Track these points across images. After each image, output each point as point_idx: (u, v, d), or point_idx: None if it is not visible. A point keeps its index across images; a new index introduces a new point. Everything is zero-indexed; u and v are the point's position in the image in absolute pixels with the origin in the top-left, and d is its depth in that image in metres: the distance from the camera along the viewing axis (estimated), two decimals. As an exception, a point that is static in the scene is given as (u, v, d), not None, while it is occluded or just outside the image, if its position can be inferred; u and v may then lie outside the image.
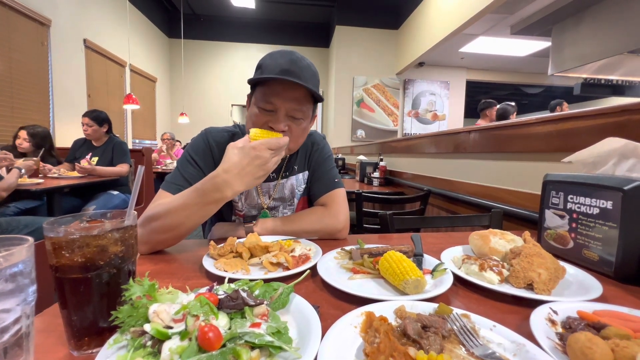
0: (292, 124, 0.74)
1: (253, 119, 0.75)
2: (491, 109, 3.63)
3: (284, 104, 0.71)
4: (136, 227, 0.39)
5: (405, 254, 0.60)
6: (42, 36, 3.49)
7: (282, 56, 0.73)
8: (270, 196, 0.90)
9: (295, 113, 0.73)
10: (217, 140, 0.84)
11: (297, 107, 0.72)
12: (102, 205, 2.49)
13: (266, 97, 0.72)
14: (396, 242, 0.78)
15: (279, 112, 0.72)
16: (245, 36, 6.95)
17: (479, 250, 0.63)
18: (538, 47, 4.84)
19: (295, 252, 0.65)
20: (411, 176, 2.14)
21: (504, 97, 9.94)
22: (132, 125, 5.52)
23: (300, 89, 0.71)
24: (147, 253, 0.69)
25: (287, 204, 0.92)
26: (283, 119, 0.72)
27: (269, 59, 0.74)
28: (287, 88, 0.71)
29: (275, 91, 0.71)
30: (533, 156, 1.03)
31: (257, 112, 0.74)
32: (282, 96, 0.71)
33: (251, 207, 0.89)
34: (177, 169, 0.80)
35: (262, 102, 0.72)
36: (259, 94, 0.74)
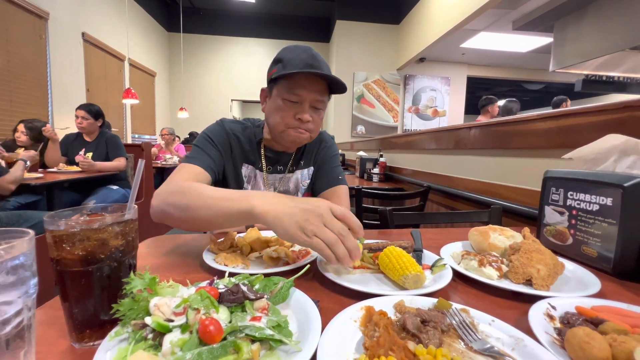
0: (314, 114, 0.79)
1: (280, 112, 0.79)
2: (492, 105, 3.61)
3: (309, 95, 0.76)
4: (137, 221, 0.39)
5: (405, 250, 0.60)
6: (40, 29, 3.46)
7: (303, 51, 0.77)
8: (275, 189, 0.92)
9: (317, 104, 0.79)
10: (232, 128, 0.88)
11: (320, 98, 0.78)
12: (101, 200, 2.49)
13: (292, 89, 0.76)
14: (396, 238, 0.78)
15: (304, 103, 0.77)
16: (245, 30, 6.90)
17: (479, 246, 0.63)
18: (540, 43, 4.81)
19: (295, 246, 0.65)
20: (411, 172, 2.14)
21: (504, 93, 9.90)
22: (132, 120, 5.50)
23: (322, 82, 0.77)
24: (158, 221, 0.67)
25: None
26: (308, 109, 0.78)
27: (290, 53, 0.78)
28: (312, 81, 0.76)
29: (301, 84, 0.76)
30: (533, 152, 1.03)
31: (282, 104, 0.78)
32: (308, 88, 0.76)
33: None
34: (196, 146, 0.83)
35: (288, 94, 0.77)
36: (283, 87, 0.77)
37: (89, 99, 4.26)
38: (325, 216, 0.47)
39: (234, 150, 0.86)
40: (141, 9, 5.73)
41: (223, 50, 6.93)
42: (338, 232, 0.46)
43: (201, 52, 6.91)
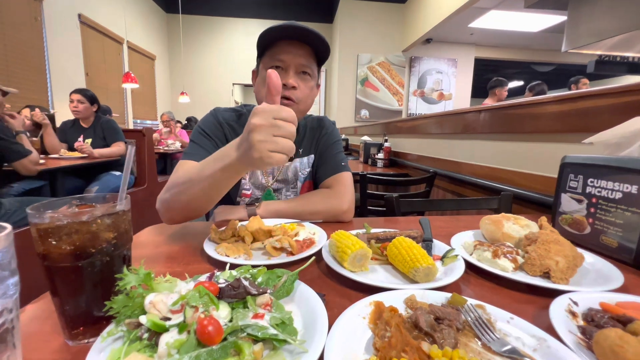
0: (300, 81, 0.76)
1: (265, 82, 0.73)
2: (502, 87, 3.51)
3: (294, 59, 0.75)
4: (129, 212, 0.37)
5: (414, 240, 0.57)
6: (35, 11, 3.36)
7: (284, 23, 0.75)
8: (274, 177, 0.89)
9: (304, 68, 0.76)
10: (225, 117, 0.86)
11: (305, 62, 0.76)
12: (104, 186, 2.48)
13: (275, 55, 0.75)
14: (403, 226, 0.76)
15: (289, 68, 0.75)
16: (246, 11, 6.68)
17: (491, 235, 0.60)
18: (552, 22, 4.61)
19: (299, 236, 0.63)
20: (416, 157, 2.09)
21: (513, 75, 9.64)
22: (133, 105, 5.44)
23: (305, 46, 0.75)
24: (171, 223, 0.71)
25: (290, 186, 0.91)
26: (293, 74, 0.75)
27: (270, 28, 0.75)
28: (295, 46, 0.75)
29: (283, 49, 0.74)
30: (547, 137, 0.98)
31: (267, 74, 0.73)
32: (292, 52, 0.74)
33: (255, 187, 0.88)
34: (192, 141, 0.82)
35: (272, 61, 0.75)
36: (267, 58, 0.76)
37: (89, 83, 4.19)
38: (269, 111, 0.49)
39: (230, 140, 0.81)
40: (138, -12, 5.54)
41: (223, 32, 6.74)
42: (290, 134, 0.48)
43: (201, 34, 6.72)
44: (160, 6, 6.42)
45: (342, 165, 0.88)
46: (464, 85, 5.93)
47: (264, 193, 0.88)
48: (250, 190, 0.88)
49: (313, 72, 0.78)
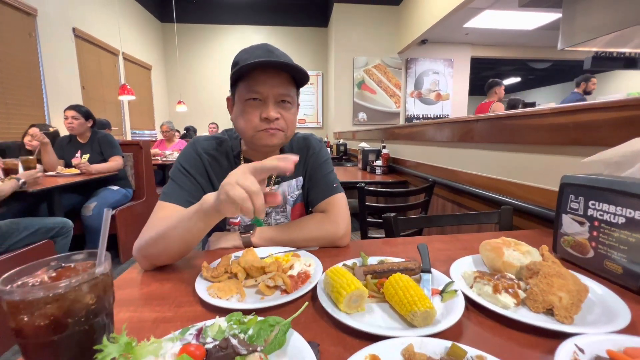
0: (281, 110, 0.74)
1: (244, 116, 0.74)
2: (499, 86, 3.55)
3: (271, 90, 0.71)
4: (109, 274, 0.35)
5: (412, 272, 0.56)
6: (30, 27, 3.36)
7: (257, 48, 0.74)
8: None
9: (283, 97, 0.73)
10: (205, 148, 0.82)
11: (284, 91, 0.72)
12: (102, 202, 2.47)
13: (251, 87, 0.71)
14: (402, 250, 0.74)
15: (268, 99, 0.72)
16: (241, 18, 6.69)
17: (491, 263, 0.58)
18: (547, 20, 4.60)
19: (293, 269, 0.61)
20: (414, 164, 2.07)
21: (509, 72, 9.64)
22: (130, 115, 5.44)
23: (283, 74, 0.72)
24: (149, 269, 0.67)
25: (280, 209, 0.89)
26: (273, 105, 0.72)
27: (244, 53, 0.74)
28: (270, 75, 0.71)
29: (259, 80, 0.71)
30: (546, 149, 0.96)
31: (245, 107, 0.73)
32: (268, 83, 0.71)
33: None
34: (171, 179, 0.78)
35: (248, 93, 0.72)
36: (242, 89, 0.73)
37: (85, 96, 4.19)
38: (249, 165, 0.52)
39: (211, 171, 0.80)
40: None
41: (218, 40, 6.75)
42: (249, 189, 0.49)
43: (196, 42, 6.74)
44: (155, 16, 6.43)
45: (334, 186, 0.85)
46: (461, 85, 5.92)
47: (253, 219, 0.86)
48: (238, 218, 0.85)
49: (293, 98, 0.75)
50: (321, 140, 0.93)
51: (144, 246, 0.65)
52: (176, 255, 0.66)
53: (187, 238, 0.62)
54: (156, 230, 0.64)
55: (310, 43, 6.81)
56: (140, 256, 0.65)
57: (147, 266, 0.66)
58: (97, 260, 0.33)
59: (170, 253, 0.65)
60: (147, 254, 0.65)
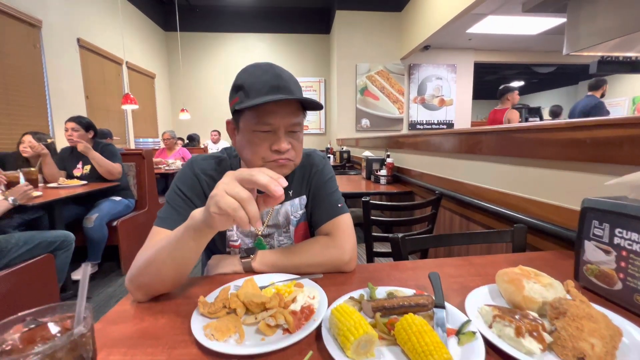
0: (292, 139, 0.70)
1: (252, 147, 0.68)
2: (512, 93, 3.52)
3: (282, 120, 0.67)
4: (90, 333, 0.31)
5: (425, 308, 0.52)
6: (34, 38, 3.39)
7: (264, 72, 0.67)
8: (263, 223, 0.82)
9: (294, 127, 0.69)
10: (203, 168, 0.78)
11: (295, 120, 0.68)
12: (105, 212, 2.45)
13: (261, 118, 0.66)
14: (410, 278, 0.70)
15: (279, 131, 0.67)
16: (244, 26, 6.74)
17: (510, 297, 0.54)
18: (551, 24, 4.57)
19: (296, 302, 0.57)
20: (419, 174, 2.03)
21: (513, 77, 9.60)
22: (134, 124, 5.46)
23: (293, 103, 0.68)
24: (144, 300, 0.63)
25: (282, 230, 0.85)
26: (284, 137, 0.68)
27: (250, 77, 0.67)
28: (282, 105, 0.66)
29: (270, 110, 0.66)
30: (562, 164, 0.92)
31: (252, 137, 0.68)
32: (279, 113, 0.66)
33: (245, 236, 0.82)
34: (167, 202, 0.74)
35: (258, 125, 0.66)
36: (250, 118, 0.67)
37: (89, 106, 4.21)
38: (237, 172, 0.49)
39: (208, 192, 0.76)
40: (135, 8, 5.61)
41: (222, 48, 6.80)
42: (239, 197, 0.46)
43: (200, 50, 6.78)
44: (158, 25, 6.49)
45: (338, 207, 0.80)
46: (465, 90, 5.88)
47: (255, 241, 0.82)
48: (238, 240, 0.81)
49: (302, 125, 0.71)
50: (325, 156, 0.89)
51: (135, 275, 0.61)
52: (170, 281, 0.62)
53: (178, 260, 0.58)
54: (146, 256, 0.60)
55: (312, 50, 6.83)
56: (133, 287, 0.61)
57: (141, 297, 0.62)
58: (76, 320, 0.30)
59: (163, 280, 0.61)
60: (139, 284, 0.61)
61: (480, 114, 11.98)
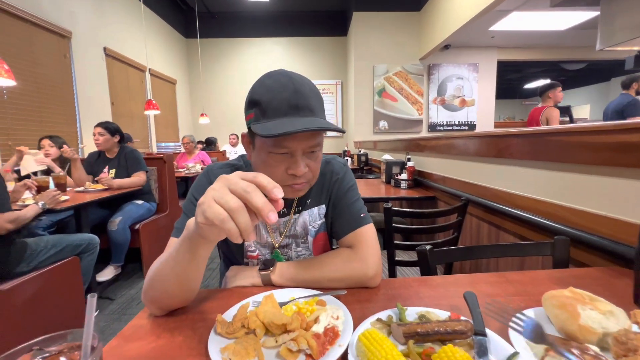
0: (310, 161, 0.65)
1: (267, 169, 0.63)
2: (554, 90, 3.31)
3: (301, 144, 0.61)
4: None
5: (463, 335, 0.46)
6: (64, 48, 3.56)
7: (283, 87, 0.60)
8: (281, 233, 0.79)
9: (312, 149, 0.64)
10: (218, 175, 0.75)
11: (314, 142, 0.63)
12: (127, 216, 2.51)
13: (279, 142, 0.60)
14: (442, 296, 0.64)
15: (296, 154, 0.62)
16: (261, 31, 6.83)
17: (562, 325, 0.47)
18: (582, 19, 4.32)
19: (319, 322, 0.53)
20: (441, 178, 1.94)
21: (537, 74, 9.20)
22: (156, 128, 5.63)
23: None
24: (160, 314, 0.61)
25: (300, 241, 0.81)
26: (301, 160, 0.63)
27: (267, 92, 0.61)
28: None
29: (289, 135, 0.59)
30: (609, 170, 0.83)
31: (268, 159, 0.63)
32: (298, 138, 0.60)
33: (262, 247, 0.79)
34: (184, 213, 0.72)
35: (275, 147, 0.61)
36: (267, 140, 0.61)
37: (114, 112, 4.37)
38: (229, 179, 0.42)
39: None
40: (158, 17, 5.80)
41: (240, 53, 6.91)
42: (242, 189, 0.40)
43: (219, 56, 6.93)
44: (180, 32, 6.69)
45: (361, 217, 0.75)
46: (488, 90, 5.67)
47: (272, 253, 0.79)
48: (256, 251, 0.79)
49: (321, 144, 0.66)
50: (345, 163, 0.84)
51: (146, 289, 0.59)
52: (178, 296, 0.59)
53: (179, 274, 0.55)
54: (153, 269, 0.59)
55: (329, 52, 6.82)
56: (147, 301, 0.60)
57: (156, 311, 0.60)
58: (82, 354, 0.27)
59: (170, 295, 0.58)
60: (150, 298, 0.59)
61: (502, 115, 11.54)
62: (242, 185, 0.40)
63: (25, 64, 3.05)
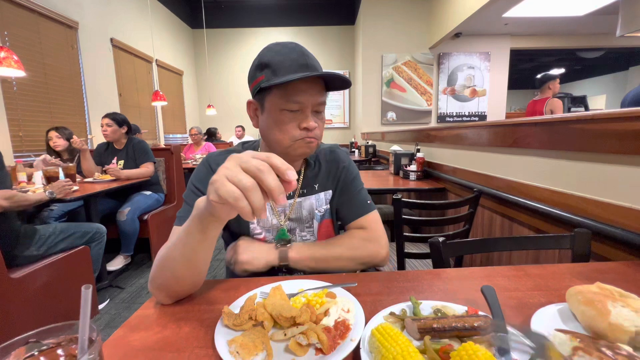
0: (317, 119, 0.70)
1: (281, 126, 0.68)
2: (554, 81, 3.24)
3: (311, 99, 0.67)
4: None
5: (483, 332, 0.43)
6: (72, 39, 3.56)
7: (291, 50, 0.67)
8: (286, 216, 0.80)
9: (319, 107, 0.70)
10: (219, 162, 0.76)
11: (321, 99, 0.69)
12: (135, 207, 2.53)
13: (291, 97, 0.65)
14: (457, 290, 0.61)
15: (307, 109, 0.67)
16: (266, 20, 6.73)
17: (590, 323, 0.44)
18: (601, 3, 4.13)
19: (329, 315, 0.51)
20: (452, 169, 1.90)
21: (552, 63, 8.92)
22: (163, 120, 5.64)
23: (319, 81, 0.68)
24: (168, 302, 0.60)
25: (305, 225, 0.82)
26: (311, 115, 0.68)
27: (276, 55, 0.66)
28: (310, 84, 0.67)
29: (300, 89, 0.65)
30: (635, 159, 0.78)
31: (281, 117, 0.67)
32: (309, 92, 0.66)
33: (266, 230, 0.79)
34: (185, 201, 0.73)
35: (287, 103, 0.66)
36: (279, 97, 0.66)
37: (122, 103, 4.39)
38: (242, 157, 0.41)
39: None
40: (164, 7, 5.75)
41: (246, 43, 6.84)
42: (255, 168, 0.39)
43: (225, 46, 6.87)
44: (186, 23, 6.64)
45: (368, 204, 0.82)
46: (500, 79, 5.51)
47: (278, 233, 0.79)
48: (262, 233, 0.79)
49: (325, 103, 0.72)
50: (347, 152, 0.91)
51: (153, 277, 0.59)
52: (186, 281, 0.58)
53: (189, 256, 0.54)
54: (160, 256, 0.58)
55: (336, 42, 6.70)
56: (154, 289, 0.59)
57: (164, 299, 0.59)
58: (79, 348, 0.25)
59: (179, 280, 0.57)
60: (158, 285, 0.58)
61: (514, 105, 11.26)
62: (255, 163, 0.39)
63: (34, 55, 3.06)
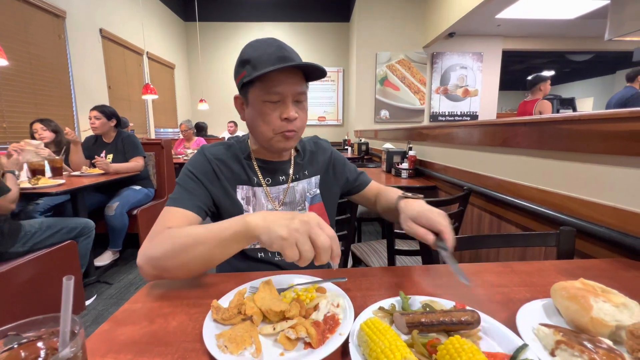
0: (299, 110, 0.73)
1: (263, 117, 0.71)
2: (544, 82, 3.29)
3: (290, 89, 0.70)
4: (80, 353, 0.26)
5: (470, 326, 0.44)
6: (59, 29, 3.45)
7: (269, 45, 0.70)
8: (280, 201, 0.83)
9: (300, 97, 0.72)
10: (213, 152, 0.80)
11: (301, 89, 0.72)
12: (124, 201, 2.49)
13: (271, 88, 0.69)
14: (446, 284, 0.62)
15: (287, 100, 0.71)
16: (260, 15, 6.65)
17: (573, 318, 0.46)
18: (591, 7, 4.22)
19: (318, 309, 0.51)
20: (443, 168, 1.92)
21: (542, 65, 9.06)
22: (154, 114, 5.54)
23: (298, 72, 0.71)
24: (153, 280, 0.62)
25: (298, 208, 0.85)
26: (292, 105, 0.71)
27: (255, 50, 0.70)
28: (289, 75, 0.70)
29: (279, 80, 0.69)
30: (620, 160, 0.80)
31: (263, 108, 0.71)
32: (287, 82, 0.69)
33: None
34: (179, 184, 0.75)
35: (268, 94, 0.69)
36: (259, 90, 0.70)
37: (111, 96, 4.29)
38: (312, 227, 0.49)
39: (221, 176, 0.78)
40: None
41: (240, 37, 6.75)
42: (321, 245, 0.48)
43: (218, 40, 6.77)
44: (179, 15, 6.51)
45: (368, 177, 0.95)
46: (491, 80, 5.58)
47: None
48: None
49: (306, 93, 0.74)
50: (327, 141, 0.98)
51: (157, 257, 0.59)
52: (196, 271, 0.61)
53: (216, 256, 0.58)
54: (175, 241, 0.58)
55: (331, 39, 6.67)
56: (150, 267, 0.59)
57: (154, 278, 0.61)
58: (60, 341, 0.25)
59: (190, 269, 0.60)
60: (160, 266, 0.59)
61: (505, 106, 11.42)
62: (322, 240, 0.48)
63: (19, 43, 2.97)
